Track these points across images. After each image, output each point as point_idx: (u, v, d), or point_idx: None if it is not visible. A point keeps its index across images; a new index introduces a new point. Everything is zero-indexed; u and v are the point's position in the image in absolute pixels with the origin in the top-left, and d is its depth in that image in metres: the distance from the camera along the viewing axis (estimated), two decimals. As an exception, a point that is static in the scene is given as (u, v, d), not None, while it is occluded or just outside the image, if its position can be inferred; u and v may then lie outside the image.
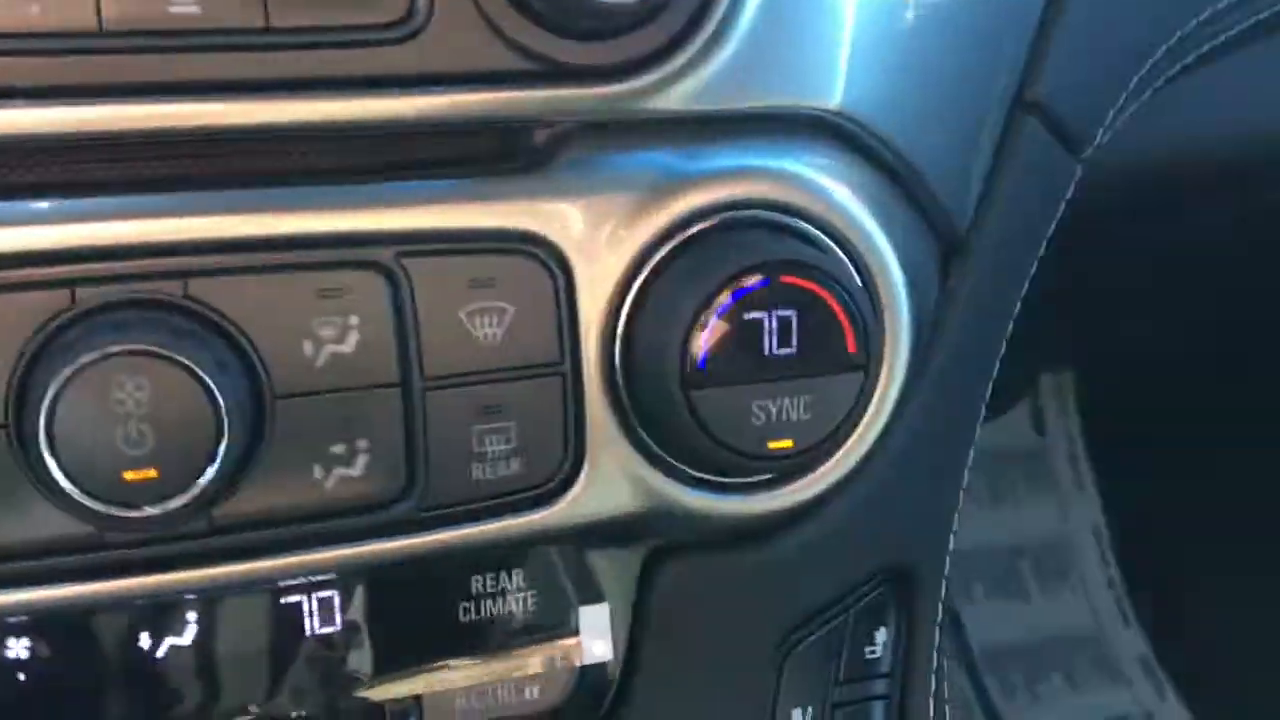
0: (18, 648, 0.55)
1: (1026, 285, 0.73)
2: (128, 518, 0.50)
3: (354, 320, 0.55)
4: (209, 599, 0.57)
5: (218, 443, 0.51)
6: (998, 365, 0.74)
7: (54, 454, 0.49)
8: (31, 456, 0.50)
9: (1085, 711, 1.69)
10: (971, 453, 0.74)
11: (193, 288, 0.52)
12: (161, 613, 0.57)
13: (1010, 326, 0.74)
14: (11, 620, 0.55)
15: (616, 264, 0.58)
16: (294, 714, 0.59)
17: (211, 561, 0.54)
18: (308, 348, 0.54)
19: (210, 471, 0.51)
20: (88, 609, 0.55)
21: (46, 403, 0.49)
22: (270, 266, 0.54)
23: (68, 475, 0.49)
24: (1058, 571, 1.77)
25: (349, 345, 0.55)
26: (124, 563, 0.53)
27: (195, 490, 0.51)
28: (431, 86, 0.54)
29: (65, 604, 0.53)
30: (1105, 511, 1.76)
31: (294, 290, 0.54)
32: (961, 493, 0.75)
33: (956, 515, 0.74)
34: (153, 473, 0.50)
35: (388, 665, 0.60)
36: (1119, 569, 1.75)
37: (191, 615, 0.57)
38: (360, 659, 0.60)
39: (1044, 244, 0.73)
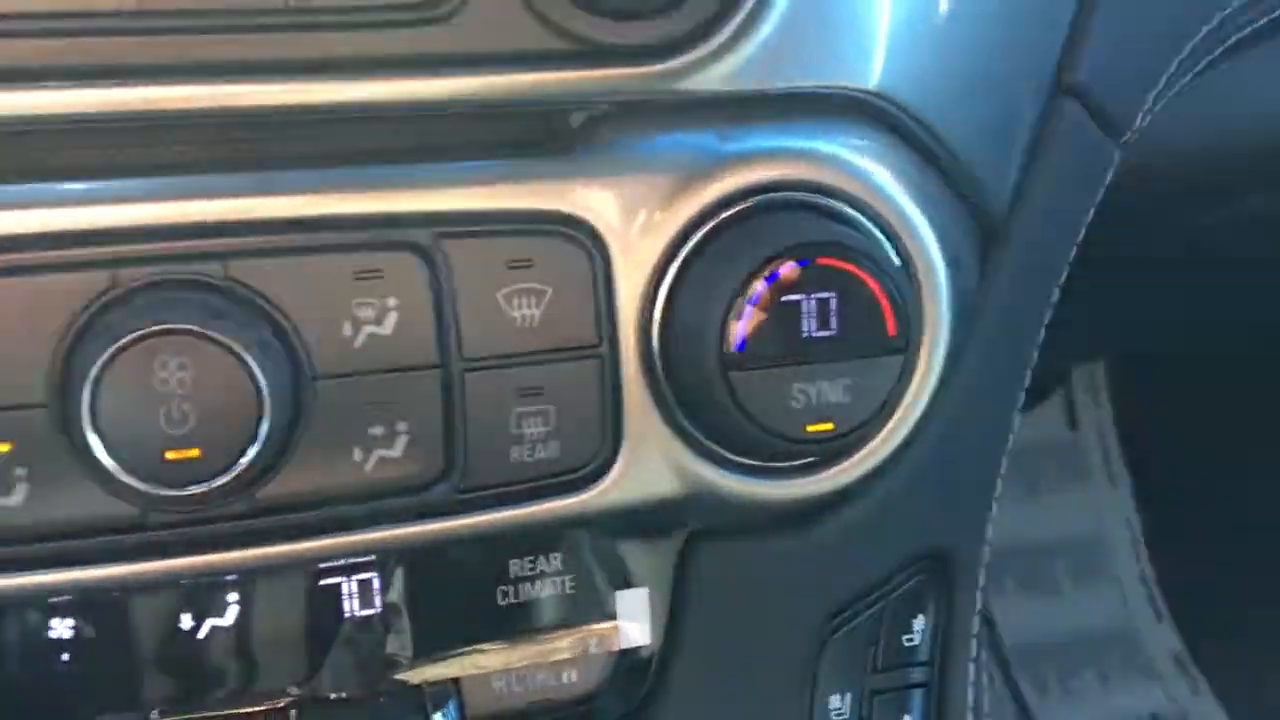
0: (61, 628, 0.56)
1: (1066, 271, 0.72)
2: (170, 497, 0.50)
3: (392, 302, 0.55)
4: (249, 580, 0.58)
5: (259, 422, 0.51)
6: (1037, 352, 0.73)
7: (98, 433, 0.49)
8: (74, 437, 0.50)
9: (1118, 709, 1.67)
10: (1011, 439, 0.74)
11: (232, 269, 0.53)
12: (203, 593, 0.57)
13: (1050, 313, 0.73)
14: (55, 600, 0.55)
15: (654, 246, 0.58)
16: (333, 695, 0.59)
17: (253, 543, 0.55)
18: (346, 329, 0.54)
19: (252, 451, 0.51)
20: (130, 589, 0.55)
21: (90, 383, 0.49)
22: (308, 248, 0.54)
23: (111, 455, 0.50)
24: (1090, 567, 1.75)
25: (387, 327, 0.55)
26: (167, 543, 0.53)
27: (237, 470, 0.51)
28: (467, 67, 0.54)
29: (108, 584, 0.53)
30: (1138, 506, 1.74)
31: (332, 271, 0.54)
32: (1000, 480, 0.74)
33: (995, 503, 0.74)
34: (195, 452, 0.50)
35: (426, 648, 0.60)
36: (1152, 564, 1.73)
37: (232, 596, 0.58)
38: (399, 641, 0.60)
39: (1082, 230, 0.72)
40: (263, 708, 0.58)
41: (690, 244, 0.58)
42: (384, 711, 0.58)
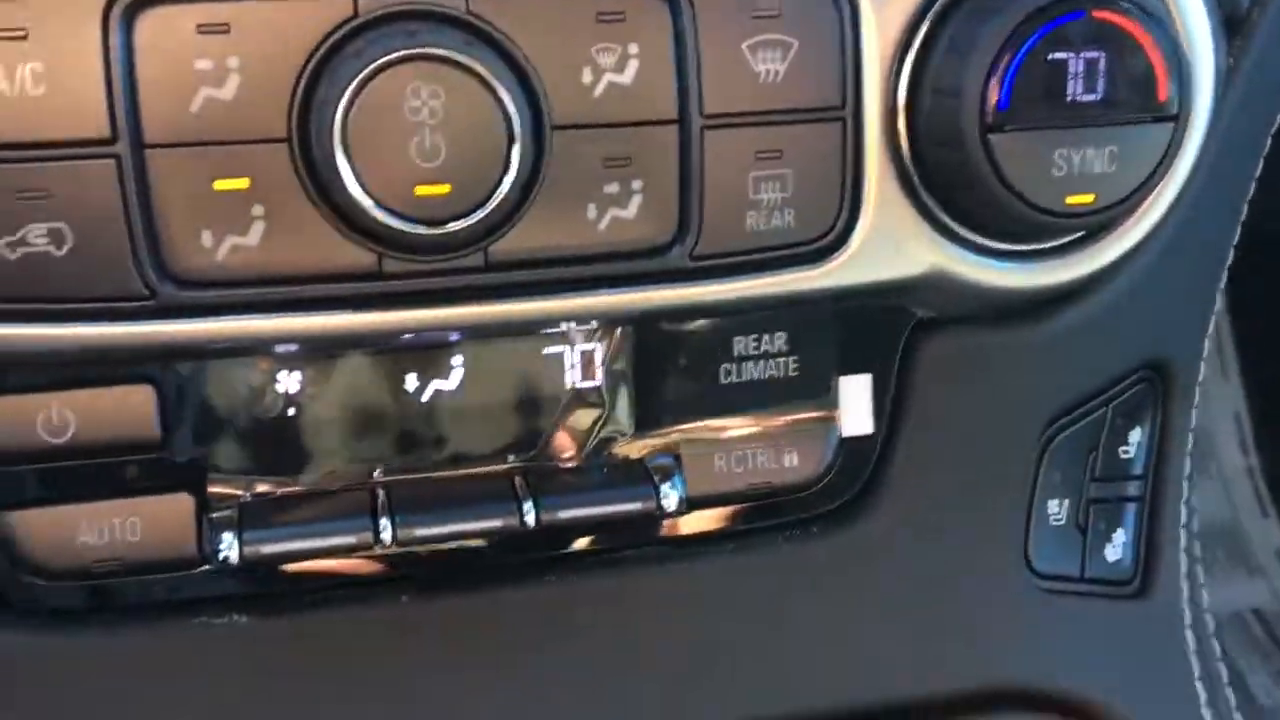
0: (288, 380, 0.55)
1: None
2: (413, 238, 0.48)
3: (634, 48, 0.51)
4: (474, 344, 0.56)
5: (508, 161, 0.49)
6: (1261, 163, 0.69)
7: (350, 166, 0.47)
8: (320, 170, 0.48)
9: (1220, 602, 1.64)
10: (1230, 255, 0.70)
11: (474, 3, 0.50)
12: (428, 354, 0.56)
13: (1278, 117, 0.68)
14: (283, 350, 0.54)
15: None
16: (555, 465, 0.57)
17: (484, 298, 0.52)
18: (586, 75, 0.51)
19: (502, 189, 0.48)
20: (359, 341, 0.54)
21: (340, 113, 0.47)
22: None
23: (361, 188, 0.47)
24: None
25: (627, 76, 0.52)
26: (399, 294, 0.52)
27: (485, 211, 0.48)
28: None
29: (338, 334, 0.52)
30: (1248, 399, 1.68)
31: (574, 12, 0.50)
32: (1219, 295, 0.70)
33: (1212, 321, 0.70)
34: (446, 188, 0.48)
35: (646, 422, 0.58)
36: (1259, 459, 1.68)
37: (458, 360, 0.56)
38: (622, 414, 0.58)
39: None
40: (485, 470, 0.57)
41: (947, -4, 0.54)
42: (612, 482, 0.57)
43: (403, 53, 0.47)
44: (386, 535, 0.53)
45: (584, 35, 0.51)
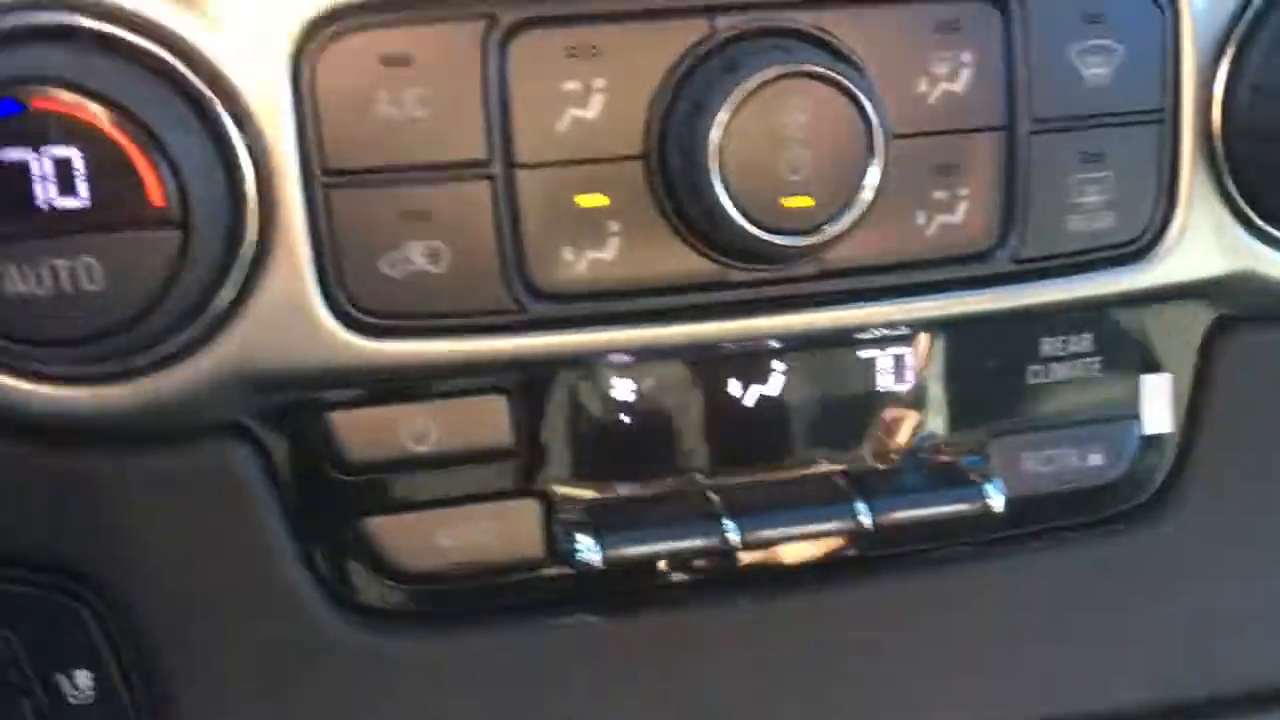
0: (623, 388, 0.56)
1: None
2: (781, 246, 0.49)
3: (967, 56, 0.52)
4: (793, 350, 0.57)
5: (866, 171, 0.50)
6: None
7: (722, 181, 0.48)
8: (677, 184, 0.50)
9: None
10: None
11: (825, 19, 0.51)
12: (750, 361, 0.57)
13: None
14: (618, 360, 0.55)
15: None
16: (874, 468, 0.58)
17: (816, 305, 0.54)
18: (922, 85, 0.52)
19: (860, 199, 0.50)
20: (703, 348, 0.55)
21: (711, 128, 0.48)
22: None
23: (732, 202, 0.49)
24: None
25: (960, 84, 0.53)
26: (741, 303, 0.53)
27: (846, 220, 0.50)
28: None
29: (687, 342, 0.53)
30: None
31: (914, 23, 0.52)
32: None
33: None
34: (809, 201, 0.49)
35: (959, 423, 0.59)
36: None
37: (777, 365, 0.57)
38: (934, 416, 0.59)
39: None
40: (808, 473, 0.58)
41: (1264, -1, 0.54)
42: (935, 483, 0.57)
43: (780, 69, 0.48)
44: (734, 538, 0.54)
45: (922, 45, 0.52)
